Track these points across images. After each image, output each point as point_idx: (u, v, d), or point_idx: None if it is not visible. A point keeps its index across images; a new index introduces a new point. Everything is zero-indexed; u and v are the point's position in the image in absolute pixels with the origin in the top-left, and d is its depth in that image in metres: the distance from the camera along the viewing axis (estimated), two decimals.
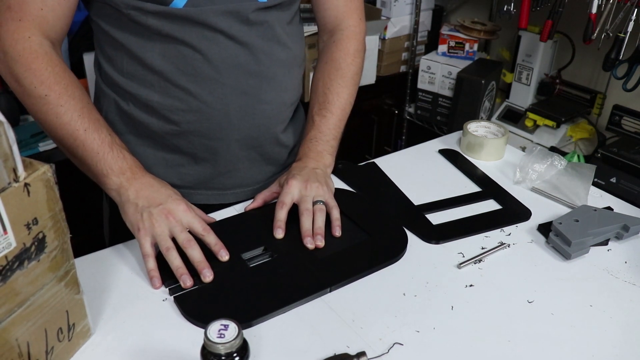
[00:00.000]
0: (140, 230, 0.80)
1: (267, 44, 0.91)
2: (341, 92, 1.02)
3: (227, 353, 0.58)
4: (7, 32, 0.81)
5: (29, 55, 0.81)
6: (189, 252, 0.79)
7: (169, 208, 0.81)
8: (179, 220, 0.81)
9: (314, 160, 0.97)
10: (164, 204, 0.81)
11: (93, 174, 0.85)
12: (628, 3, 1.51)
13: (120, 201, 0.84)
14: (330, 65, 1.04)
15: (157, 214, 0.80)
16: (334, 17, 1.05)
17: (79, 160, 0.85)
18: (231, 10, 0.86)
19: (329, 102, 1.01)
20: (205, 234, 0.81)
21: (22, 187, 0.55)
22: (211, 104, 0.91)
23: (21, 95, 0.84)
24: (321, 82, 1.04)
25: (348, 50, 1.04)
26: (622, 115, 1.72)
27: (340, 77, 1.03)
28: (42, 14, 0.82)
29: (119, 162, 0.84)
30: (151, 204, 0.81)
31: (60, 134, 0.83)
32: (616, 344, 0.74)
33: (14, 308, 0.57)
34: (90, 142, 0.83)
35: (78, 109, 0.83)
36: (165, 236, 0.79)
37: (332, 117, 1.01)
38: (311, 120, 1.02)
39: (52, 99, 0.81)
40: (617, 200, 1.04)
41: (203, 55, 0.87)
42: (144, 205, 0.81)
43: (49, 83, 0.81)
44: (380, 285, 0.81)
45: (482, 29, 2.07)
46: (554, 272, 0.86)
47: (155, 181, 0.85)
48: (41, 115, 0.83)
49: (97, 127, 0.84)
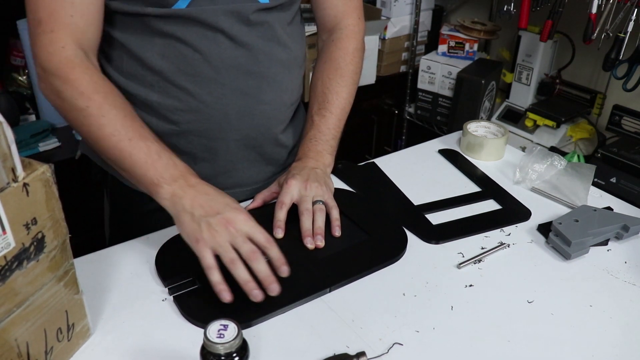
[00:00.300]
0: (199, 241, 0.75)
1: (267, 44, 0.91)
2: (340, 92, 1.02)
3: (226, 353, 0.58)
4: (42, 47, 0.80)
5: (66, 67, 0.79)
6: (255, 265, 0.74)
7: (228, 217, 0.76)
8: (240, 230, 0.75)
9: (313, 159, 0.97)
10: (223, 213, 0.76)
11: (144, 184, 0.80)
12: (628, 3, 1.51)
13: (174, 211, 0.78)
14: (329, 64, 1.04)
15: (216, 223, 0.75)
16: (333, 16, 1.05)
17: (128, 171, 0.81)
18: (232, 11, 0.86)
19: (328, 101, 1.01)
20: (268, 246, 0.76)
21: (21, 187, 0.55)
22: (210, 104, 0.91)
23: (63, 110, 0.81)
24: (320, 81, 1.03)
25: (347, 50, 1.04)
26: (622, 115, 1.72)
27: (339, 77, 1.03)
28: (73, 21, 0.80)
29: (170, 169, 0.80)
30: (208, 213, 0.76)
31: (106, 146, 0.80)
32: (616, 344, 0.74)
33: (13, 308, 0.57)
34: (137, 152, 0.79)
35: (120, 119, 0.80)
36: (227, 247, 0.74)
37: (332, 117, 1.01)
38: (310, 120, 1.02)
39: (93, 110, 0.79)
40: (617, 200, 1.04)
41: (203, 56, 0.87)
42: (200, 215, 0.76)
43: (88, 93, 0.79)
44: (380, 285, 0.81)
45: (482, 29, 2.07)
46: (554, 272, 0.86)
47: (210, 188, 0.80)
48: (85, 128, 0.80)
49: (142, 135, 0.81)
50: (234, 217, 0.76)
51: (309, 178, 0.92)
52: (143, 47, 0.87)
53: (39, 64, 0.80)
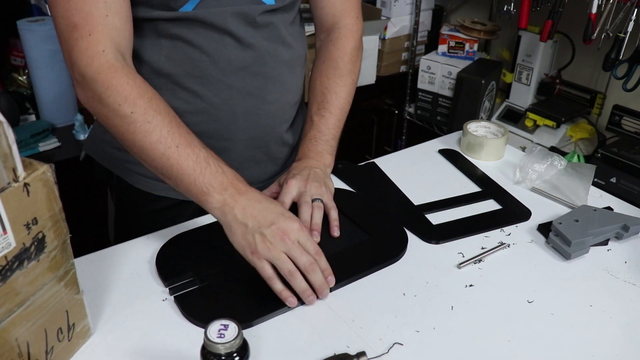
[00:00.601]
0: (254, 253, 0.75)
1: (272, 45, 0.92)
2: (340, 92, 1.02)
3: (227, 353, 0.58)
4: (80, 52, 0.77)
5: (108, 71, 0.76)
6: (312, 276, 0.75)
7: (282, 228, 0.75)
8: (295, 240, 0.75)
9: (313, 160, 0.97)
10: (277, 223, 0.75)
11: (192, 194, 0.78)
12: (628, 3, 1.51)
13: (225, 220, 0.77)
14: (328, 64, 1.04)
15: (271, 235, 0.74)
16: (331, 15, 1.05)
17: (175, 180, 0.79)
18: (239, 12, 0.86)
19: (327, 101, 1.01)
20: (317, 258, 0.76)
21: (22, 187, 0.55)
22: (218, 106, 0.91)
23: (106, 118, 0.79)
24: (319, 81, 1.03)
25: (346, 49, 1.04)
26: (622, 115, 1.72)
27: (338, 77, 1.03)
28: (109, 21, 0.77)
29: (219, 177, 0.77)
30: (262, 224, 0.75)
31: (152, 155, 0.77)
32: (616, 344, 0.74)
33: (14, 308, 0.57)
34: (185, 159, 0.77)
35: (166, 124, 0.77)
36: (285, 259, 0.74)
37: (331, 117, 1.01)
38: (310, 120, 1.02)
39: (138, 116, 0.76)
40: (617, 200, 1.04)
41: (210, 58, 0.87)
42: (254, 226, 0.75)
43: (133, 98, 0.76)
44: (380, 285, 0.81)
45: (482, 29, 2.07)
46: (554, 272, 0.86)
47: (261, 196, 0.79)
48: (129, 136, 0.77)
49: (188, 141, 0.78)
50: (288, 227, 0.75)
51: (309, 178, 0.92)
52: (150, 50, 0.87)
53: (77, 70, 0.77)
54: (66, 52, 0.78)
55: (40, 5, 1.78)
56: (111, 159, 1.00)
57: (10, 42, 1.76)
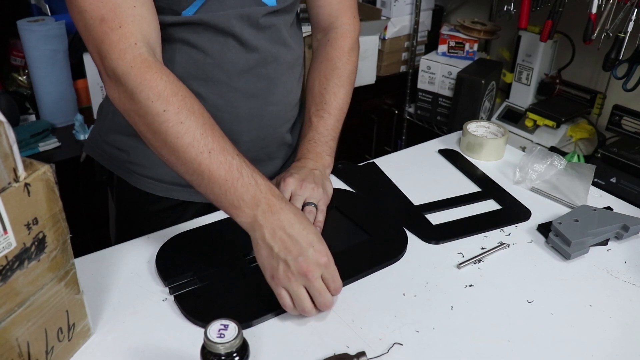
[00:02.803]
0: (274, 279, 0.72)
1: (274, 47, 0.92)
2: (338, 92, 1.02)
3: (227, 353, 0.58)
4: (111, 46, 0.73)
5: (141, 65, 0.73)
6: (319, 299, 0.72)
7: (308, 263, 0.71)
8: (317, 277, 0.71)
9: (312, 161, 0.97)
10: (304, 255, 0.71)
11: (222, 205, 0.75)
12: (628, 3, 1.51)
13: (253, 236, 0.74)
14: (325, 64, 1.04)
15: (294, 267, 0.71)
16: (327, 14, 1.05)
17: (205, 189, 0.75)
18: (243, 15, 0.86)
19: (326, 102, 1.01)
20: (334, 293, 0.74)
21: (22, 187, 0.55)
22: (222, 108, 0.91)
23: (136, 116, 0.75)
24: (317, 82, 1.03)
25: (343, 49, 1.04)
26: (622, 115, 1.72)
27: (336, 77, 1.02)
28: (138, 12, 0.74)
29: (251, 190, 0.73)
30: (289, 252, 0.71)
31: (183, 159, 0.73)
32: (616, 344, 0.74)
33: (14, 308, 0.57)
34: (217, 168, 0.73)
35: (200, 126, 0.73)
36: (303, 297, 0.71)
37: (330, 118, 1.01)
38: (309, 122, 1.02)
39: (171, 115, 0.72)
40: (617, 200, 1.04)
41: (214, 60, 0.87)
42: (280, 252, 0.71)
43: (166, 95, 0.73)
44: (380, 285, 0.81)
45: (482, 29, 2.07)
46: (554, 272, 0.86)
47: (295, 219, 0.73)
48: (161, 137, 0.73)
49: (222, 146, 0.74)
50: (314, 262, 0.71)
51: (306, 178, 0.92)
52: None
53: (108, 65, 0.74)
54: (94, 47, 0.75)
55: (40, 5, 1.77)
56: (112, 160, 1.00)
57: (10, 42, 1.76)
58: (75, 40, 1.69)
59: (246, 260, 0.83)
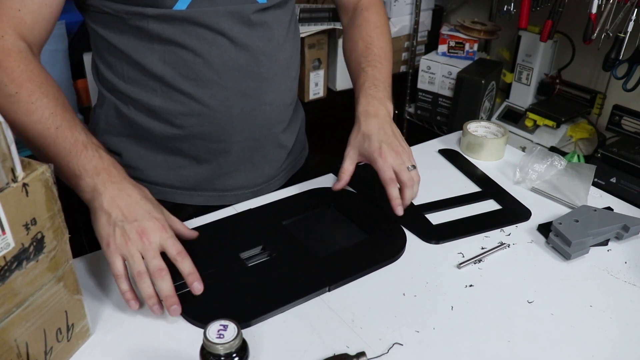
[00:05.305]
0: (109, 245, 0.72)
1: (266, 45, 0.91)
2: (384, 47, 1.06)
3: (226, 353, 0.58)
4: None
5: (1, 54, 0.77)
6: (158, 283, 0.71)
7: (144, 227, 0.72)
8: (153, 242, 0.72)
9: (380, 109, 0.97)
10: (140, 221, 0.73)
11: (65, 176, 0.76)
12: (628, 3, 1.51)
13: (92, 206, 0.75)
14: (365, 25, 1.07)
15: (130, 231, 0.72)
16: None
17: (52, 161, 0.74)
18: (232, 12, 0.86)
19: (376, 54, 1.04)
20: (179, 259, 0.73)
21: (21, 187, 0.55)
22: (213, 108, 0.91)
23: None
24: (361, 40, 1.06)
25: (380, 13, 1.10)
26: (622, 115, 1.72)
27: (380, 34, 1.07)
28: (19, 15, 0.79)
29: (94, 161, 0.75)
30: (126, 218, 0.73)
31: (31, 134, 0.76)
32: (616, 344, 0.73)
33: (13, 308, 0.57)
34: (62, 141, 0.75)
35: (51, 107, 0.76)
36: (137, 258, 0.71)
37: (384, 67, 1.03)
38: (363, 72, 1.02)
39: (22, 97, 0.76)
40: (617, 200, 1.04)
41: (204, 59, 0.87)
42: (117, 218, 0.73)
43: (21, 80, 0.76)
44: (380, 285, 0.81)
45: (482, 29, 2.07)
46: (554, 272, 0.86)
47: (134, 189, 0.76)
48: (11, 115, 0.76)
49: (70, 125, 0.77)
50: (150, 226, 0.73)
51: (392, 143, 0.93)
52: (143, 53, 0.87)
53: None
54: None
55: None
56: None
57: None
58: (75, 40, 1.69)
59: (244, 259, 0.83)
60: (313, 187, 1.04)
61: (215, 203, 1.01)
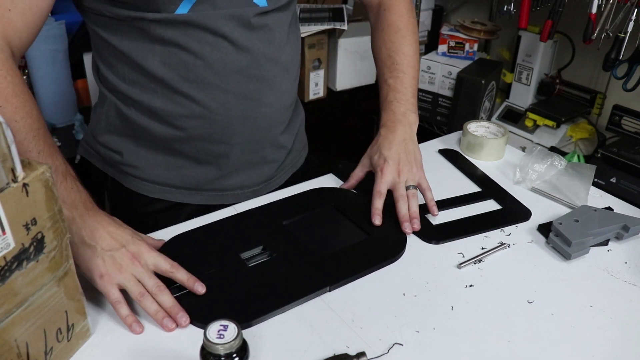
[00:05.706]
0: (103, 277, 0.72)
1: (267, 47, 0.91)
2: (407, 51, 1.05)
3: (226, 354, 0.58)
4: None
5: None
6: (160, 298, 0.73)
7: (133, 251, 0.74)
8: (145, 264, 0.75)
9: (400, 125, 0.99)
10: (127, 246, 0.75)
11: None
12: (628, 3, 1.51)
13: (72, 242, 0.71)
14: (387, 29, 1.06)
15: (121, 258, 0.73)
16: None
17: None
18: (233, 15, 0.86)
19: (397, 63, 1.04)
20: (174, 271, 0.76)
21: (21, 187, 0.55)
22: (214, 110, 0.91)
23: None
24: (384, 47, 1.06)
25: (402, 12, 1.07)
26: (622, 115, 1.72)
27: (401, 37, 1.05)
28: (9, 16, 0.76)
29: (72, 194, 0.75)
30: (112, 247, 0.74)
31: None
32: (616, 344, 0.73)
33: (13, 308, 0.57)
34: None
35: (34, 129, 0.74)
36: (135, 282, 0.73)
37: (406, 76, 1.03)
38: (386, 85, 1.04)
39: (7, 113, 0.72)
40: (617, 200, 1.04)
41: (205, 62, 0.87)
42: (103, 249, 0.73)
43: (7, 94, 0.73)
44: (380, 285, 0.81)
45: (482, 29, 2.07)
46: (554, 272, 0.86)
47: (110, 220, 0.77)
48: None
49: (51, 152, 0.76)
50: (138, 250, 0.75)
51: (400, 160, 0.95)
52: (144, 55, 0.87)
53: None
54: None
55: None
56: (106, 162, 0.99)
57: None
58: (75, 40, 1.69)
59: (244, 259, 0.83)
60: (313, 187, 1.04)
61: (215, 202, 1.01)
